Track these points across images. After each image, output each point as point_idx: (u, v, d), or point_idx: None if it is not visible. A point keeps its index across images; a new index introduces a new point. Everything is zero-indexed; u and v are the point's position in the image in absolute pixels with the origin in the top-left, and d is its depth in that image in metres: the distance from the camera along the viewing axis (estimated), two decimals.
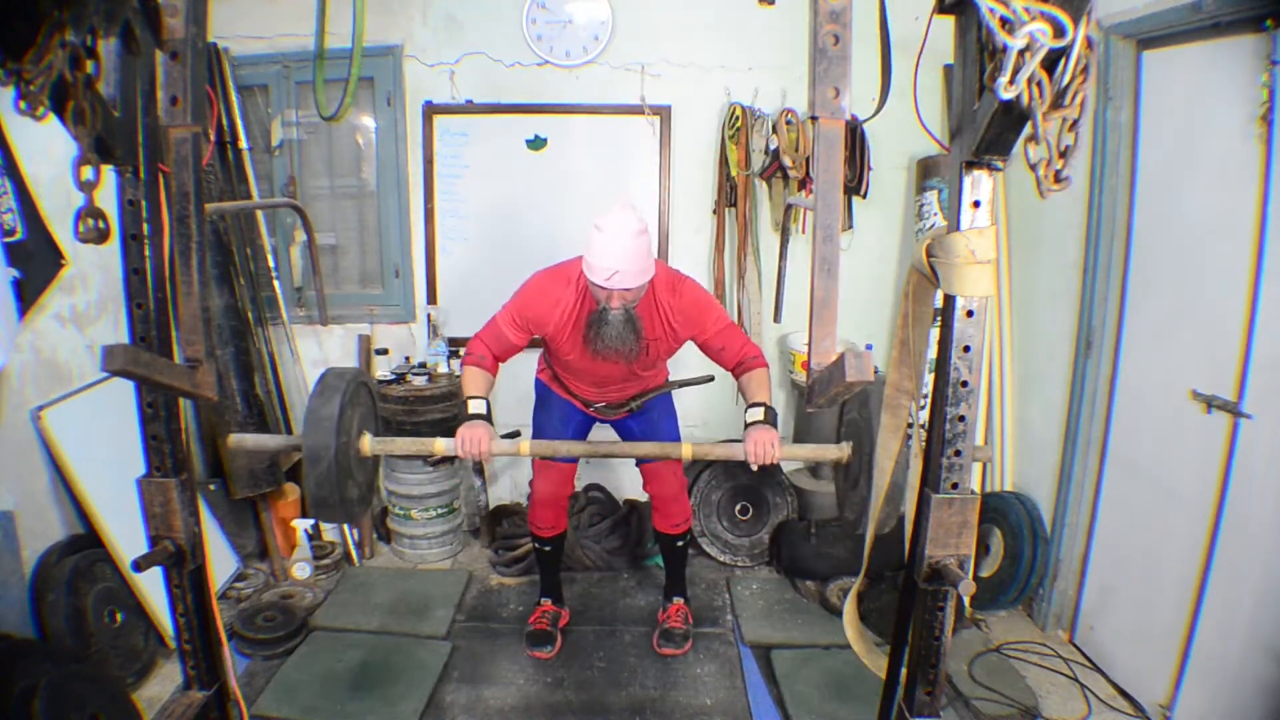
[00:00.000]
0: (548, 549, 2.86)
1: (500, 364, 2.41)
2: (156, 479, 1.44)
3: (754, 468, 2.14)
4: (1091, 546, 2.84)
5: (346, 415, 1.86)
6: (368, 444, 1.97)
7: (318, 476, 1.85)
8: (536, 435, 2.70)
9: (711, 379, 2.79)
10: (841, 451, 2.07)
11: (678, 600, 2.93)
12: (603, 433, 2.75)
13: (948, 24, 1.19)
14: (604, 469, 3.74)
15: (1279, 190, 2.03)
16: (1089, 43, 0.90)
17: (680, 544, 2.87)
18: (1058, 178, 1.00)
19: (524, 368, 3.47)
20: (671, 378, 2.75)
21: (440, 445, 2.08)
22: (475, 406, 2.22)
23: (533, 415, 2.77)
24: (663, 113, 3.47)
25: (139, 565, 1.39)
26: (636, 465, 2.77)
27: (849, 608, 1.72)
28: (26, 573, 2.37)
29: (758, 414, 2.21)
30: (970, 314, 1.24)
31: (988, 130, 1.09)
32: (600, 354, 2.25)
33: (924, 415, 2.23)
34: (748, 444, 2.11)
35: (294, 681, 2.59)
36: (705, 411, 3.65)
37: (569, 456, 2.46)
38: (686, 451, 2.13)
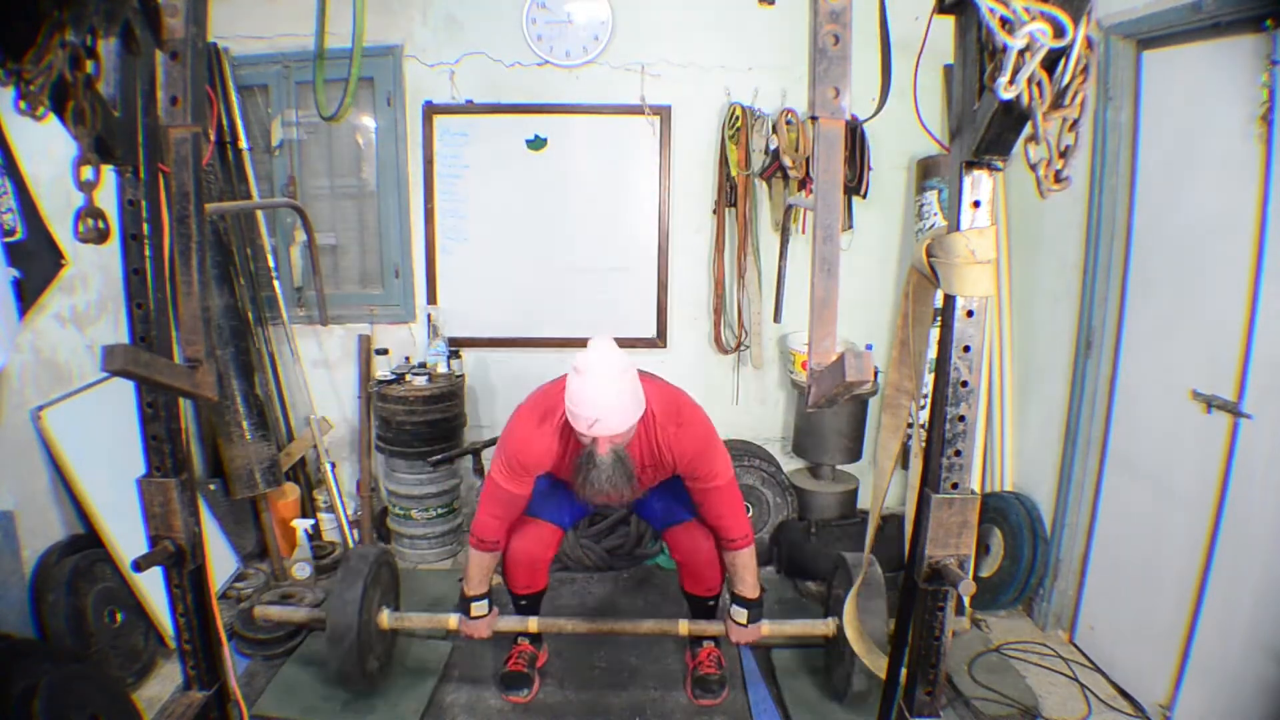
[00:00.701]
0: (524, 603, 2.60)
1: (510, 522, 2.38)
2: (156, 479, 1.44)
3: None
4: (1091, 546, 2.84)
5: (368, 597, 2.12)
6: (386, 620, 2.27)
7: (340, 655, 2.17)
8: (543, 632, 2.56)
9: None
10: (828, 627, 2.24)
11: (709, 643, 2.64)
12: None
13: (948, 24, 1.19)
14: None
15: (1279, 190, 2.03)
16: (1089, 43, 0.91)
17: (712, 604, 2.59)
18: (1058, 178, 1.00)
19: (525, 368, 3.47)
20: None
21: (454, 623, 2.43)
22: (477, 609, 2.39)
23: None
24: (663, 113, 3.47)
25: (139, 565, 1.39)
26: (656, 529, 2.57)
27: (849, 608, 1.72)
28: (26, 573, 2.37)
29: (742, 615, 2.36)
30: (970, 314, 1.24)
31: (988, 130, 1.09)
32: (592, 499, 2.13)
33: (924, 415, 2.23)
34: (731, 635, 2.39)
35: (294, 682, 2.59)
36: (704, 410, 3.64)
37: (573, 631, 2.53)
38: (683, 629, 2.43)
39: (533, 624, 2.42)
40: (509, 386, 3.70)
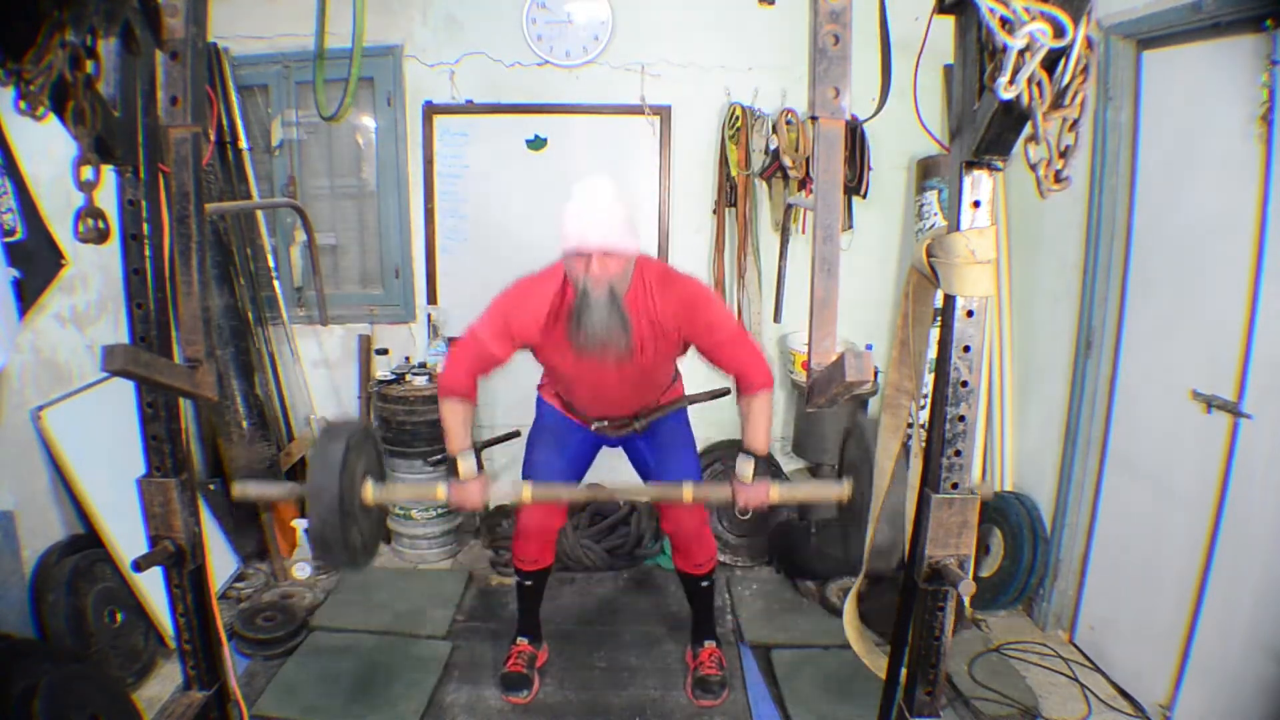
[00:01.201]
0: (529, 583, 2.61)
1: (481, 378, 2.25)
2: (156, 479, 1.44)
3: (743, 516, 2.15)
4: (1091, 546, 2.84)
5: (350, 461, 1.90)
6: (370, 491, 2.04)
7: (320, 517, 1.90)
8: (532, 454, 2.49)
9: (726, 392, 2.63)
10: (841, 490, 2.03)
11: (709, 644, 2.65)
12: (610, 459, 2.59)
13: (948, 24, 1.19)
14: (604, 469, 3.73)
15: (1279, 190, 2.03)
16: (1089, 43, 0.90)
17: (705, 584, 2.62)
18: (1058, 178, 1.00)
19: (525, 368, 3.45)
20: (686, 395, 2.57)
21: (442, 492, 2.15)
22: (465, 466, 2.20)
23: (529, 434, 2.56)
24: (663, 113, 3.47)
25: (139, 565, 1.39)
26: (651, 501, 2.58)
27: (849, 608, 1.72)
28: (26, 573, 2.37)
29: (748, 469, 2.16)
30: (970, 314, 1.24)
31: (988, 130, 1.09)
32: (587, 349, 2.06)
33: (924, 415, 2.23)
34: (737, 495, 2.11)
35: (294, 682, 2.59)
36: (716, 410, 3.63)
37: (570, 501, 2.38)
38: (686, 494, 2.13)
39: (526, 491, 2.15)
40: (509, 387, 3.69)
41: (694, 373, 2.83)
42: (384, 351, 3.56)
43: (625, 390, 2.32)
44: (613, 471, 3.63)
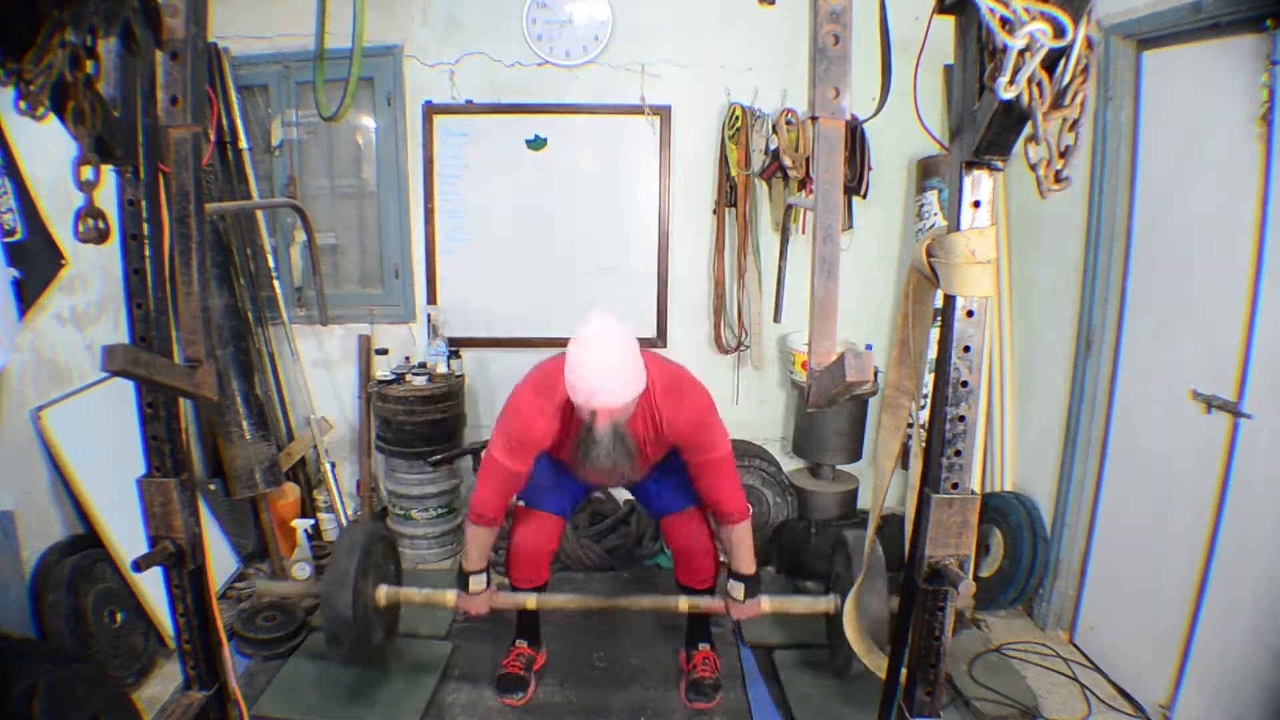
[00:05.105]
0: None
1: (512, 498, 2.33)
2: (156, 479, 1.44)
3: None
4: (1091, 546, 2.84)
5: (361, 577, 2.12)
6: (382, 596, 2.27)
7: (340, 643, 2.18)
8: (528, 491, 2.47)
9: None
10: (830, 604, 2.22)
11: (704, 646, 2.65)
12: None
13: (948, 24, 1.19)
14: None
15: (1279, 190, 2.03)
16: (1089, 43, 0.91)
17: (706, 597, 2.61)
18: (1058, 178, 1.00)
19: (525, 368, 3.45)
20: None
21: (452, 599, 2.42)
22: (476, 583, 2.38)
23: None
24: (663, 113, 3.47)
25: (139, 565, 1.39)
26: (653, 518, 2.56)
27: (849, 608, 1.72)
28: (26, 573, 2.37)
29: (739, 590, 2.37)
30: (970, 314, 1.24)
31: (988, 130, 1.09)
32: (593, 475, 2.13)
33: (924, 415, 2.23)
34: (731, 612, 2.40)
35: (294, 682, 2.59)
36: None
37: (573, 608, 2.54)
38: (682, 606, 2.42)
39: (530, 601, 2.44)
40: (509, 386, 3.68)
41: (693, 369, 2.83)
42: (384, 351, 3.56)
43: (623, 478, 2.31)
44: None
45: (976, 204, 1.19)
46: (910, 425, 1.46)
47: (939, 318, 1.30)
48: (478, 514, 2.30)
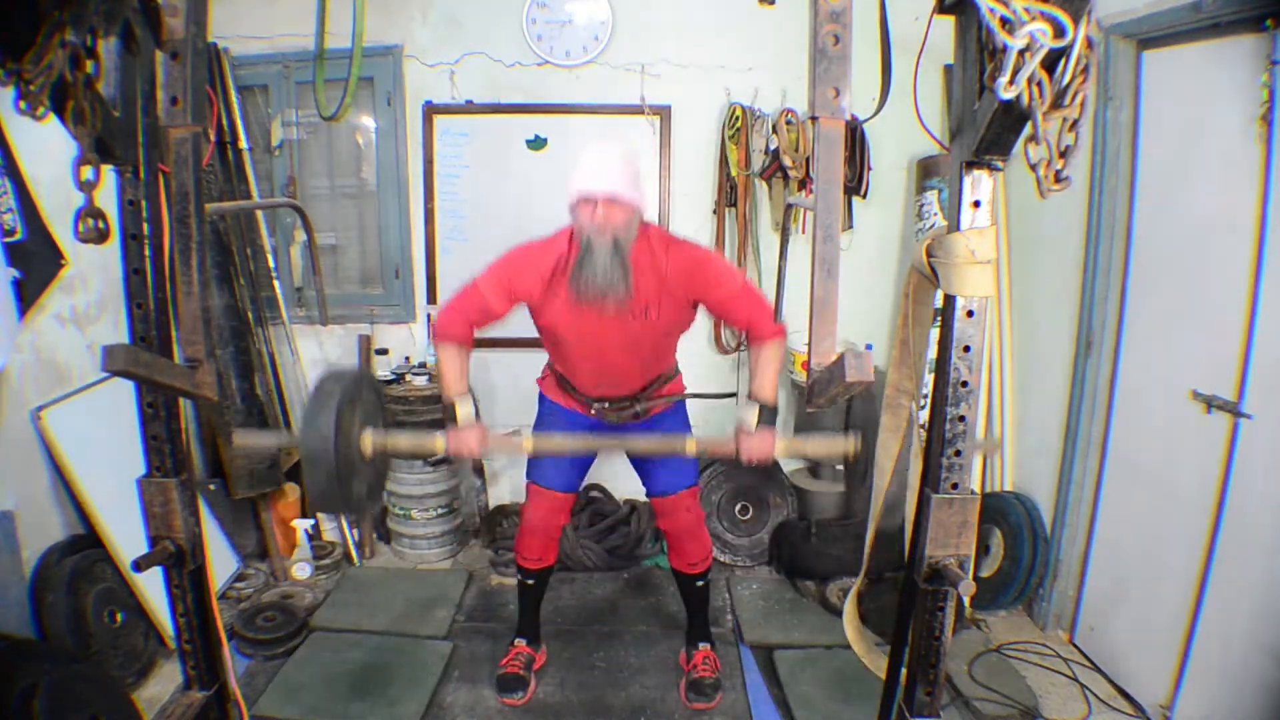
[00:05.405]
0: (530, 582, 2.62)
1: (476, 330, 2.24)
2: (156, 479, 1.44)
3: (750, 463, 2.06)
4: (1091, 546, 2.84)
5: (345, 414, 1.80)
6: (369, 442, 1.93)
7: (315, 476, 1.78)
8: (535, 470, 2.50)
9: (732, 395, 2.67)
10: (848, 444, 1.94)
11: (704, 646, 2.65)
12: (610, 460, 2.57)
13: (948, 24, 1.19)
14: (604, 469, 3.74)
15: (1279, 190, 2.03)
16: (1089, 43, 0.90)
17: (700, 584, 2.62)
18: (1058, 178, 1.00)
19: (525, 368, 3.47)
20: (689, 392, 2.53)
21: (441, 443, 2.09)
22: (463, 412, 2.13)
23: (533, 427, 2.55)
24: (663, 113, 3.47)
25: (139, 565, 1.39)
26: (648, 497, 2.55)
27: (849, 608, 1.72)
28: (26, 573, 2.37)
29: (751, 418, 2.09)
30: (970, 314, 1.23)
31: (988, 130, 1.09)
32: (587, 295, 2.06)
33: (924, 415, 2.23)
34: (740, 445, 2.04)
35: (295, 682, 2.59)
36: (716, 411, 3.64)
37: (572, 452, 2.40)
38: (691, 446, 2.06)
39: (525, 443, 2.15)
40: (509, 386, 3.70)
41: (694, 370, 2.83)
42: (384, 351, 3.56)
43: (626, 359, 2.28)
44: (614, 474, 3.65)
45: (976, 204, 1.19)
46: (910, 425, 1.45)
47: (939, 318, 1.30)
48: (441, 331, 2.23)
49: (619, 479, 3.71)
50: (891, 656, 1.54)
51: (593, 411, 2.41)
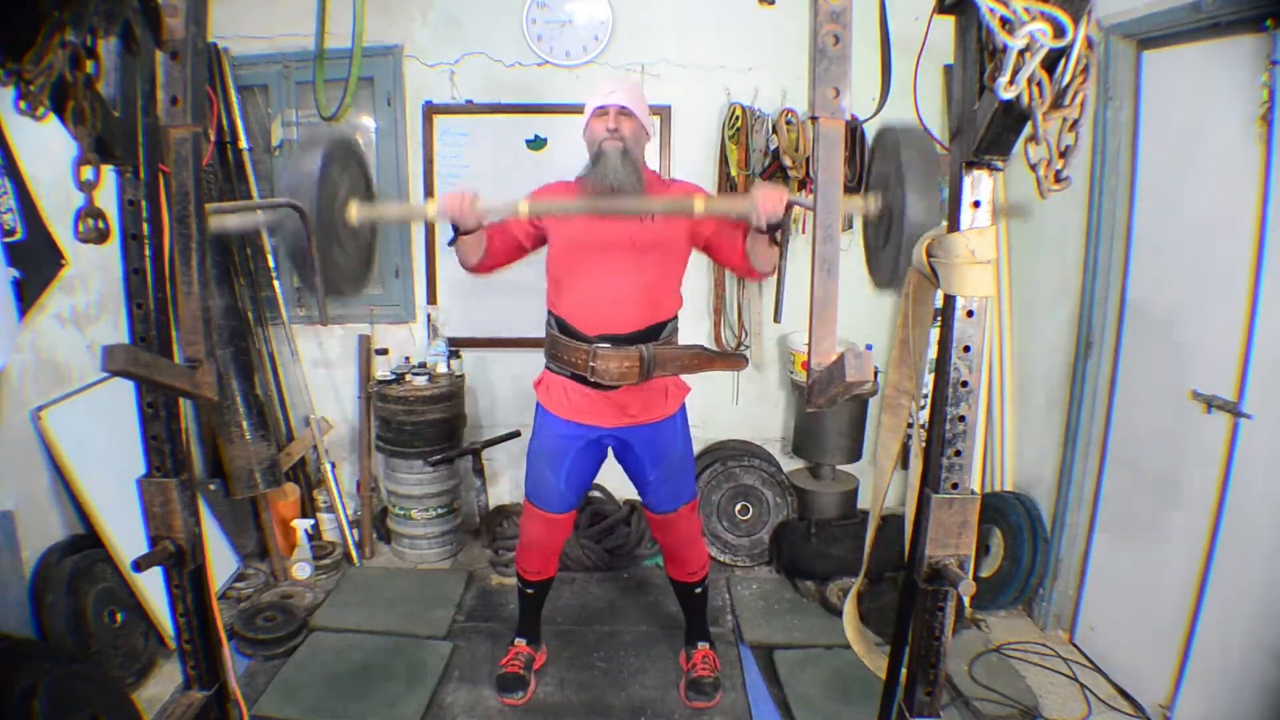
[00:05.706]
0: (531, 591, 2.63)
1: (497, 250, 2.41)
2: (156, 479, 1.44)
3: (763, 225, 1.94)
4: (1091, 546, 2.84)
5: (332, 171, 1.69)
6: (354, 210, 1.83)
7: (290, 227, 1.69)
8: (533, 474, 2.48)
9: (742, 360, 2.65)
10: (868, 203, 1.68)
11: (703, 645, 2.66)
12: (609, 467, 2.57)
13: (948, 24, 1.19)
14: (604, 470, 3.74)
15: (1279, 190, 2.03)
16: (1089, 43, 0.90)
17: (698, 590, 2.64)
18: (1058, 178, 1.00)
19: (525, 368, 3.49)
20: (694, 351, 2.41)
21: (433, 208, 2.19)
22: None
23: (529, 454, 2.50)
24: (663, 113, 3.46)
25: (139, 565, 1.39)
26: (646, 512, 2.55)
27: (849, 608, 1.72)
28: (26, 573, 2.37)
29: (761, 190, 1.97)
30: (970, 314, 1.24)
31: (988, 130, 1.09)
32: (600, 189, 2.17)
33: (924, 415, 2.23)
34: (756, 201, 1.91)
35: (295, 682, 2.59)
36: (704, 410, 3.64)
37: (571, 214, 2.33)
38: (699, 206, 1.94)
39: (521, 206, 2.06)
40: (509, 386, 3.70)
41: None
42: (384, 351, 3.56)
43: (629, 281, 2.24)
44: (615, 474, 3.64)
45: (976, 204, 1.19)
46: (910, 425, 1.45)
47: (939, 318, 1.30)
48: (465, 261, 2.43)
49: (619, 479, 3.71)
50: (891, 656, 1.54)
51: (594, 352, 2.26)
